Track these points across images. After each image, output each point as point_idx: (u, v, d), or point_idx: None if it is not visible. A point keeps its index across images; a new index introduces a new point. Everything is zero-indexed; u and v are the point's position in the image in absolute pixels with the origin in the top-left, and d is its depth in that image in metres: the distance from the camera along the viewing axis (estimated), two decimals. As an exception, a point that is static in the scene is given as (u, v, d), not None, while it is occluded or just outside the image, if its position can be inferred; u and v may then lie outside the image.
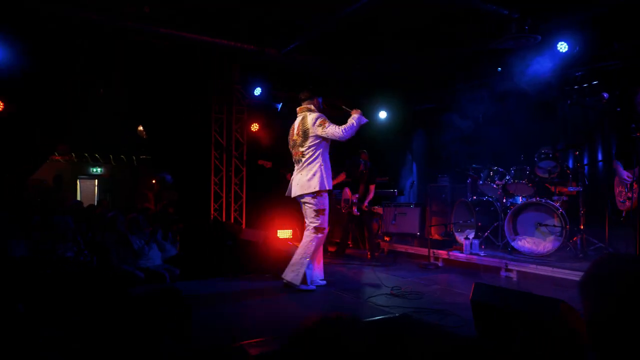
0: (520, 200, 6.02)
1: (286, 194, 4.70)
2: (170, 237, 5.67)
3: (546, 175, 5.91)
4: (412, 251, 6.66)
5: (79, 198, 11.98)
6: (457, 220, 6.73)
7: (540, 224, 5.73)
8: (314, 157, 4.41)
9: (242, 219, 8.37)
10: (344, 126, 4.36)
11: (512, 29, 5.91)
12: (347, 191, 6.87)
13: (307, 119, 4.43)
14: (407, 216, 7.08)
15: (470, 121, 7.56)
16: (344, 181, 6.99)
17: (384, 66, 7.81)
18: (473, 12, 5.70)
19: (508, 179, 6.08)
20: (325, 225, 4.50)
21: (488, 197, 6.43)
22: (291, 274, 4.43)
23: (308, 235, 4.48)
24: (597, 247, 5.59)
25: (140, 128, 9.84)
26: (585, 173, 6.31)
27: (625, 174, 3.68)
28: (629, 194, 3.59)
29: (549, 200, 5.64)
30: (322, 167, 4.40)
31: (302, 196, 4.47)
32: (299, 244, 4.62)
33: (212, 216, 8.09)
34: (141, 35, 6.19)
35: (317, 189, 4.34)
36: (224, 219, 8.13)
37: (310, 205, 4.44)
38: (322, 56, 7.41)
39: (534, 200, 5.74)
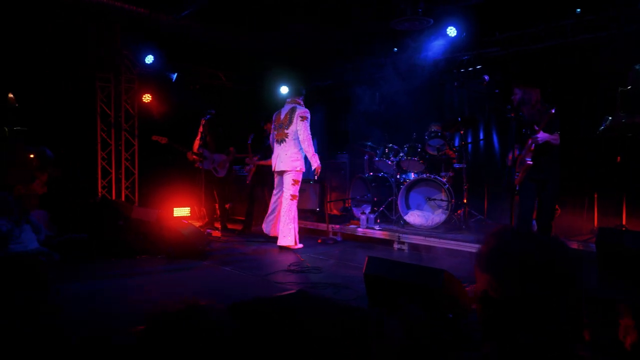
0: (412, 176, 6.34)
1: (272, 169, 5.71)
2: (47, 219, 5.08)
3: (435, 153, 6.30)
4: (312, 227, 6.75)
5: None
6: (354, 196, 6.94)
7: (430, 199, 6.13)
8: (294, 139, 5.48)
9: (134, 197, 7.83)
10: (310, 138, 5.50)
11: (407, 11, 6.13)
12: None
13: (296, 110, 5.53)
14: (306, 192, 7.13)
15: (368, 99, 7.76)
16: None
17: (286, 40, 7.64)
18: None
19: (402, 156, 6.36)
20: (297, 192, 5.61)
21: (384, 173, 6.70)
22: (285, 240, 5.47)
23: (287, 203, 5.53)
24: (477, 219, 6.12)
25: (11, 95, 8.63)
26: (469, 150, 6.85)
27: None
28: (518, 170, 4.05)
29: (437, 176, 6.02)
30: (301, 151, 5.52)
31: (285, 171, 5.55)
32: (281, 213, 5.57)
33: (99, 194, 7.45)
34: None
35: (297, 169, 5.54)
36: (113, 197, 7.53)
37: (290, 176, 5.54)
38: (221, 26, 7.02)
39: (424, 176, 6.09)
